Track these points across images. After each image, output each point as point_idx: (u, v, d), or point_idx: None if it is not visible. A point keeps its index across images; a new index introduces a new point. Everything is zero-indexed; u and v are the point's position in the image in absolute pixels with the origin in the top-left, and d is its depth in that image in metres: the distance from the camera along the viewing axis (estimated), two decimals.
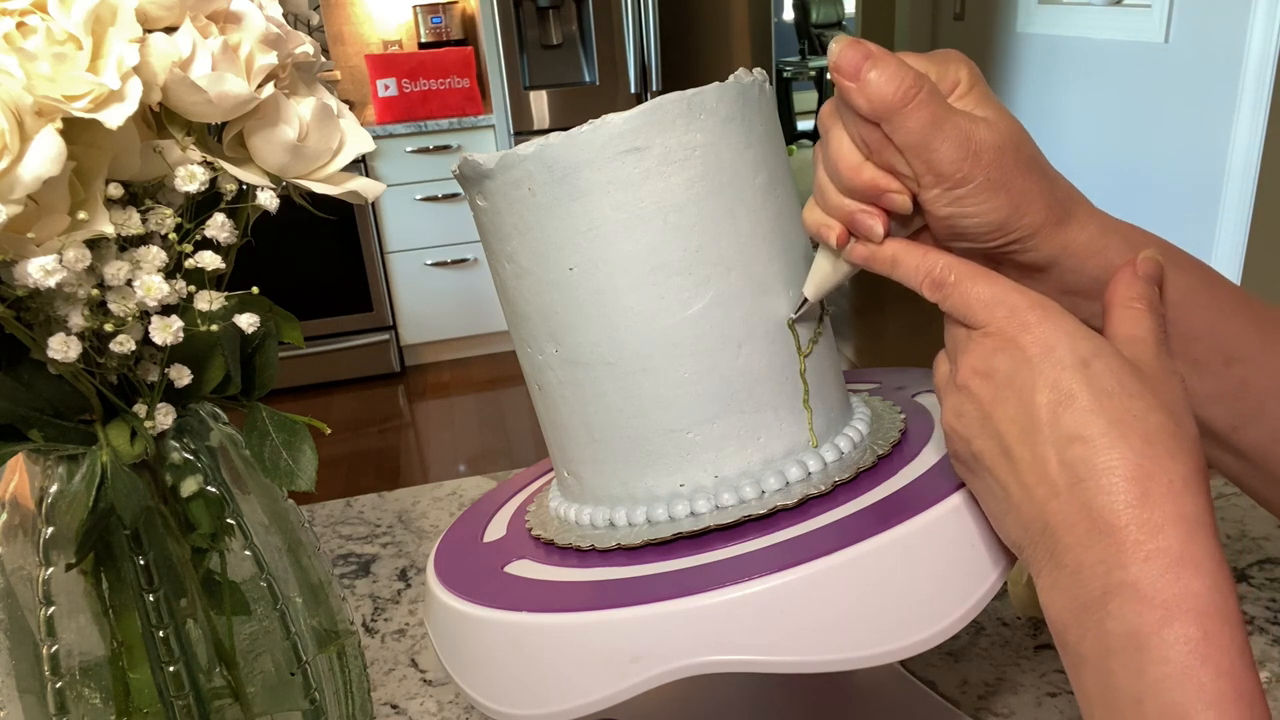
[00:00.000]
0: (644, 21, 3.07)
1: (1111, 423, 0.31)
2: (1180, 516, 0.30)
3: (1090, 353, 0.32)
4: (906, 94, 0.34)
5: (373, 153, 0.89)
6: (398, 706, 0.63)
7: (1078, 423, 0.31)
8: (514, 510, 0.52)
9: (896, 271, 0.38)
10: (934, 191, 0.36)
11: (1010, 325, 0.34)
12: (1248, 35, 2.36)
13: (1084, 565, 0.31)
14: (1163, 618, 0.29)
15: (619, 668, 0.36)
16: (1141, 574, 0.30)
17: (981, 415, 0.34)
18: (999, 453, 0.34)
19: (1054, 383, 0.32)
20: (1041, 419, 0.32)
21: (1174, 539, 0.30)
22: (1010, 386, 0.33)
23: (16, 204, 0.30)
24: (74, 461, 0.39)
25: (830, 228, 0.39)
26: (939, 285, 0.36)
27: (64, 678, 0.41)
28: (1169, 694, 0.29)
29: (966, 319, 0.36)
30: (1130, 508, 0.30)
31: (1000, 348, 0.34)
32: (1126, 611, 0.30)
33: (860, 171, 0.37)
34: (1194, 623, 0.29)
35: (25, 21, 0.31)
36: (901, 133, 0.35)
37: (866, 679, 0.60)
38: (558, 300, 0.41)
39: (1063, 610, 0.32)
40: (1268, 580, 0.67)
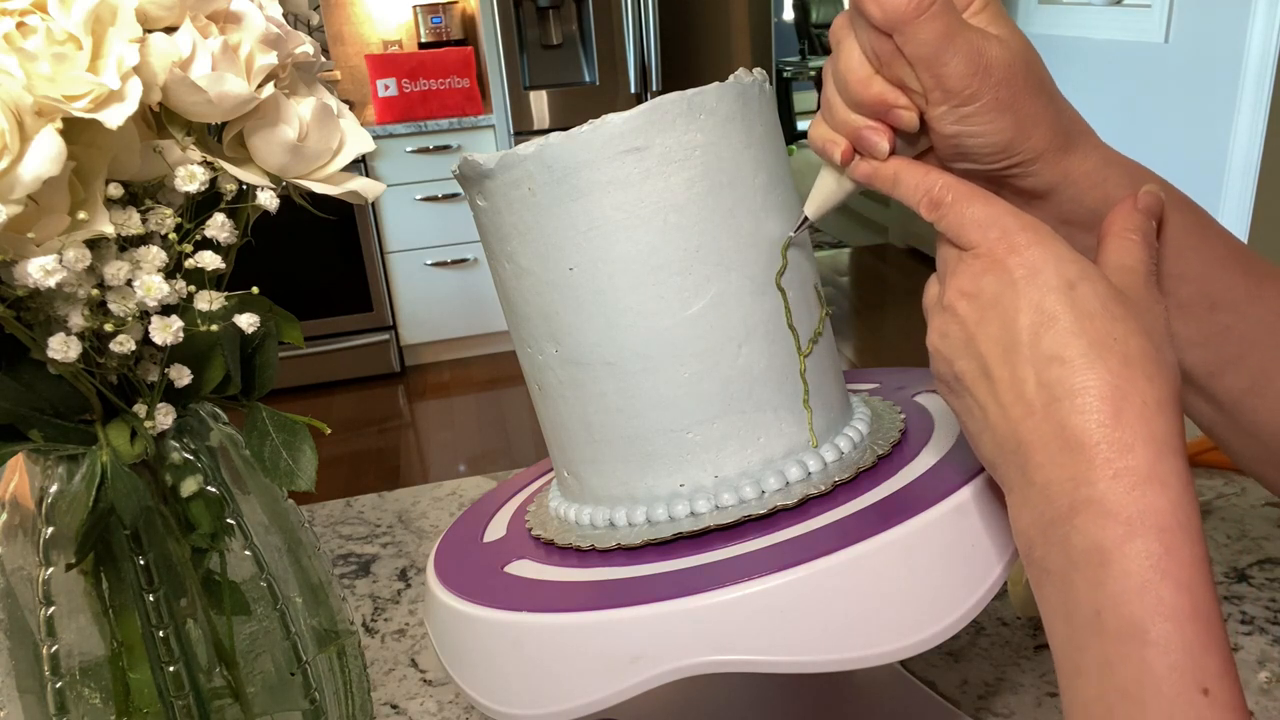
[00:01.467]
0: (644, 21, 3.06)
1: (1091, 344, 0.31)
2: (1151, 437, 0.30)
3: (1076, 275, 0.33)
4: (921, 4, 0.34)
5: (373, 153, 0.89)
6: (398, 706, 0.63)
7: (1058, 343, 0.32)
8: (514, 510, 0.52)
9: (898, 190, 0.38)
10: (941, 108, 0.36)
11: (1000, 246, 0.34)
12: (1248, 35, 2.36)
13: (1053, 482, 0.31)
14: (1125, 533, 0.29)
15: (619, 668, 0.36)
16: (1108, 490, 0.30)
17: (965, 336, 0.35)
18: (979, 373, 0.34)
19: (1037, 304, 0.32)
20: (1023, 339, 0.33)
21: (1142, 458, 0.30)
22: (995, 307, 0.34)
23: (16, 204, 0.30)
24: (74, 461, 0.39)
25: (835, 143, 0.39)
26: (936, 204, 0.36)
27: (64, 678, 0.41)
28: (1127, 606, 0.29)
29: (959, 239, 0.36)
30: (1102, 426, 0.31)
31: (988, 269, 0.34)
32: (1091, 527, 0.30)
33: (869, 85, 0.37)
34: (1155, 538, 0.29)
35: (25, 21, 0.31)
36: (913, 44, 0.35)
37: (866, 679, 0.60)
38: (558, 300, 0.41)
39: (1030, 525, 0.33)
40: (1268, 580, 0.67)
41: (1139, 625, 0.29)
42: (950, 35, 0.35)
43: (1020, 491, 0.33)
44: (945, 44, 0.35)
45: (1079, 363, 0.31)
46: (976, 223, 0.35)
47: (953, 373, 0.36)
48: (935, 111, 0.36)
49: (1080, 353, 0.31)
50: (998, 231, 0.34)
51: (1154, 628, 0.28)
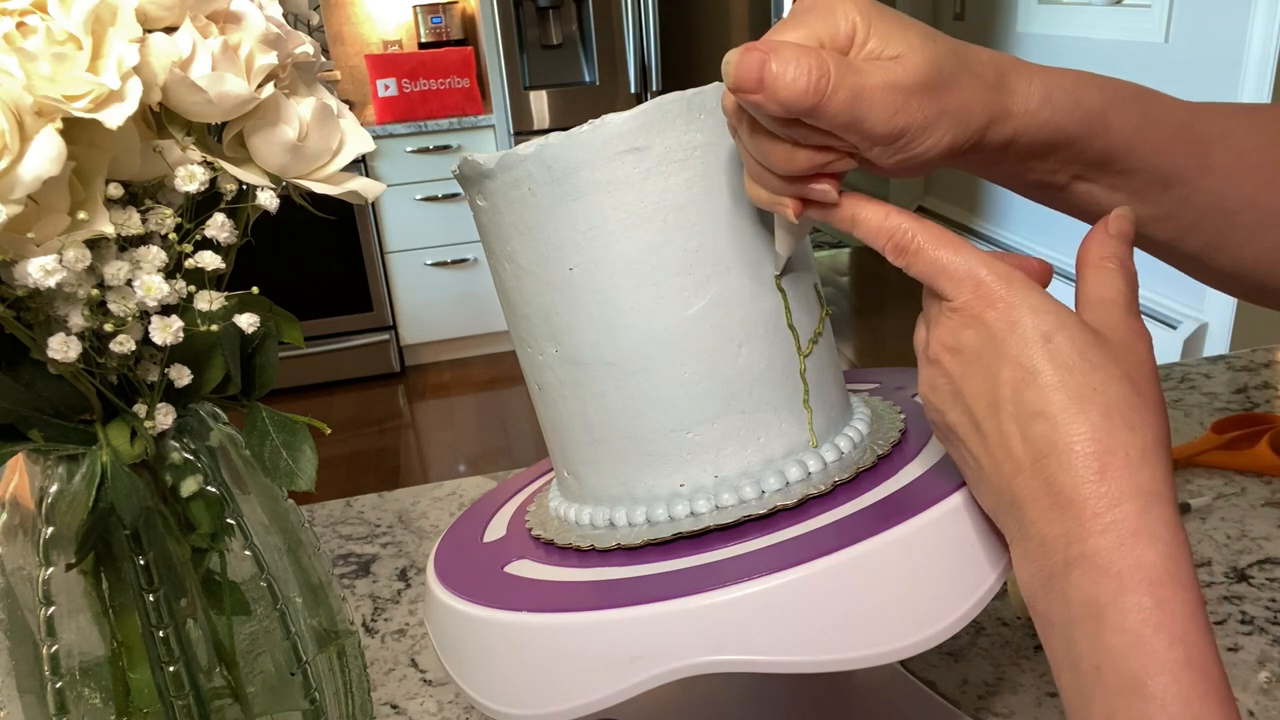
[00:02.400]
0: (644, 21, 3.06)
1: (1072, 398, 0.32)
2: (1137, 490, 0.31)
3: (1053, 326, 0.33)
4: (819, 87, 0.32)
5: (373, 153, 0.89)
6: (398, 706, 0.63)
7: (1040, 399, 0.32)
8: (514, 510, 0.52)
9: (857, 231, 0.37)
10: (875, 151, 0.35)
11: (975, 302, 0.34)
12: (1247, 35, 2.36)
13: (1048, 538, 0.32)
14: (1118, 588, 0.30)
15: (619, 668, 0.36)
16: (1099, 546, 0.31)
17: (953, 389, 0.35)
18: (970, 426, 0.35)
19: (1017, 359, 0.33)
20: (1005, 396, 0.33)
21: (1130, 511, 0.31)
22: (978, 362, 0.34)
23: (16, 204, 0.30)
24: (74, 461, 0.39)
25: (783, 204, 0.38)
26: (902, 251, 0.36)
27: (64, 678, 0.41)
28: (1124, 662, 0.30)
29: (934, 288, 0.36)
30: (1088, 483, 0.31)
31: (967, 324, 0.34)
32: (1085, 582, 0.31)
33: (793, 159, 0.35)
34: (1147, 592, 0.30)
35: (25, 21, 0.31)
36: (825, 120, 0.33)
37: (866, 679, 0.60)
38: (558, 300, 0.41)
39: (1031, 579, 0.33)
40: (1268, 580, 0.67)
41: (1137, 680, 0.29)
42: (858, 96, 0.33)
43: (1020, 545, 0.34)
44: (856, 106, 0.33)
45: (1061, 418, 0.32)
46: (949, 274, 0.35)
47: (945, 423, 0.36)
48: (870, 154, 0.35)
49: (1061, 408, 0.32)
50: (971, 284, 0.34)
51: (1151, 682, 0.29)
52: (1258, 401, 0.93)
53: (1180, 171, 0.40)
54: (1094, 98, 0.38)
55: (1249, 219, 0.42)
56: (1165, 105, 0.40)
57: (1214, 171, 0.41)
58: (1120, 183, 0.40)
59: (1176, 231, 0.42)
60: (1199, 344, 2.58)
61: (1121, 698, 0.30)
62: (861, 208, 0.37)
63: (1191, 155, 0.40)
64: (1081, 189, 0.40)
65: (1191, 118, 0.41)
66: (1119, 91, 0.39)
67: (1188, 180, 0.40)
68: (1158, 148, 0.40)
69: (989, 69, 0.36)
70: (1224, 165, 0.41)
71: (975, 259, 0.35)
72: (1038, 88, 0.37)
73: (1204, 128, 0.41)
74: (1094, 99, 0.38)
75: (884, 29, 0.34)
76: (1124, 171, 0.40)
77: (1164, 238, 0.42)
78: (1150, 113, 0.40)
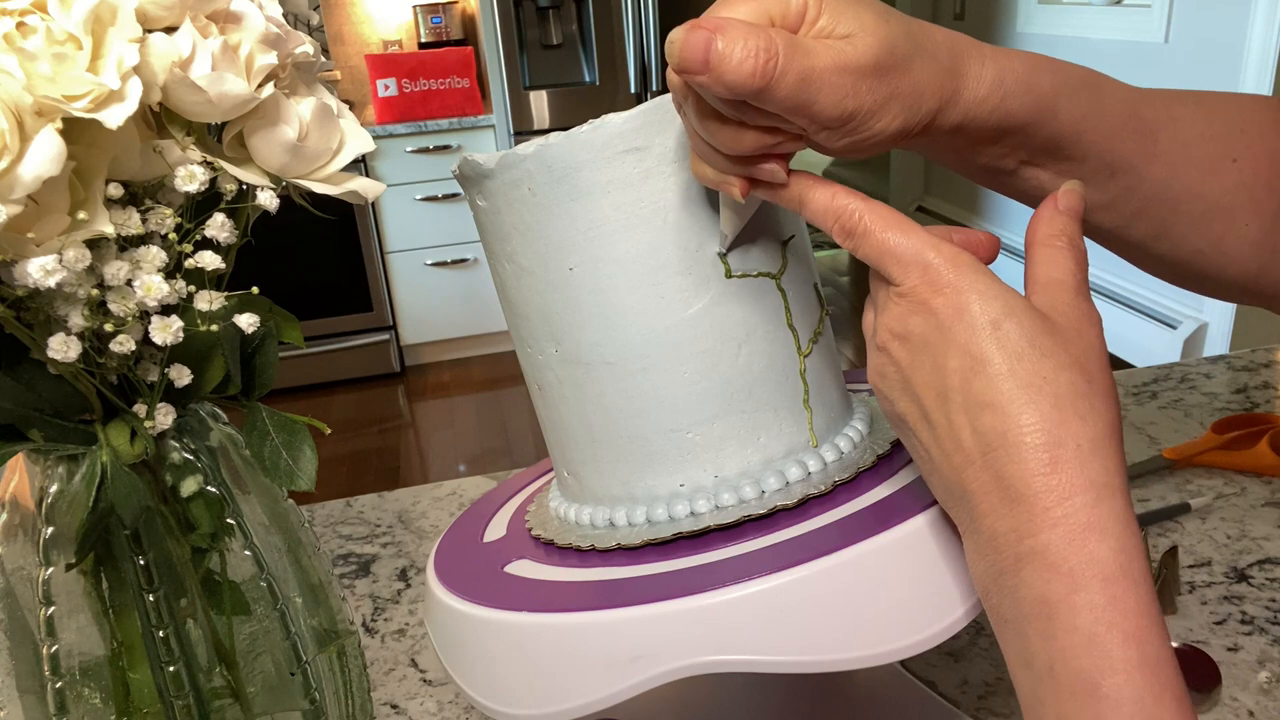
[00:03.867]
0: (644, 21, 3.06)
1: (1020, 387, 0.31)
2: (1089, 482, 0.30)
3: (1001, 313, 0.32)
4: (766, 69, 0.31)
5: (373, 153, 0.89)
6: (398, 706, 0.63)
7: (988, 389, 0.31)
8: (514, 510, 0.52)
9: (804, 212, 0.36)
10: (823, 134, 0.34)
11: (924, 287, 0.33)
12: (1247, 35, 2.36)
13: (998, 533, 0.31)
14: (1069, 585, 0.29)
15: (619, 668, 0.36)
16: (1050, 541, 0.30)
17: (901, 378, 0.34)
18: (919, 416, 0.34)
19: (965, 347, 0.32)
20: (954, 385, 0.32)
21: (1081, 505, 0.30)
22: (925, 351, 0.33)
23: (16, 204, 0.30)
24: (74, 461, 0.39)
25: (730, 183, 0.36)
26: (849, 233, 0.35)
27: (64, 678, 0.41)
28: (1077, 661, 0.29)
29: (880, 270, 0.35)
30: (1039, 475, 0.30)
31: (914, 309, 0.33)
32: (1036, 579, 0.30)
33: (740, 140, 0.34)
34: (1100, 589, 0.29)
35: (25, 21, 0.31)
36: (772, 104, 0.32)
37: (866, 679, 0.60)
38: (558, 300, 0.41)
39: (983, 575, 0.32)
40: (1268, 580, 0.67)
41: (1090, 680, 0.29)
42: (806, 78, 0.31)
43: (971, 539, 0.33)
44: (804, 90, 0.32)
45: (1010, 409, 0.31)
46: (895, 257, 0.34)
47: (895, 412, 0.35)
48: (819, 138, 0.34)
49: (1011, 398, 0.31)
50: (919, 269, 0.33)
51: (1105, 682, 0.28)
52: (1258, 401, 0.93)
53: (1127, 159, 0.40)
54: (1045, 82, 0.37)
55: (1193, 209, 0.42)
56: (1114, 92, 0.40)
57: (1160, 160, 0.41)
58: (1068, 169, 0.40)
59: (1122, 219, 0.42)
60: (1199, 344, 2.58)
61: (1074, 699, 0.29)
62: (809, 188, 0.36)
63: (1139, 143, 0.40)
64: (1029, 174, 0.40)
65: (1140, 104, 0.40)
66: (1069, 77, 0.38)
67: (1134, 168, 0.40)
68: (1106, 135, 0.39)
69: (942, 50, 0.35)
70: (1170, 154, 0.41)
71: (923, 241, 0.33)
72: (990, 71, 0.36)
73: (1152, 115, 0.40)
74: (1045, 84, 0.37)
75: (836, 6, 0.33)
76: (1072, 158, 0.39)
77: (1109, 225, 0.42)
78: (1099, 100, 0.39)
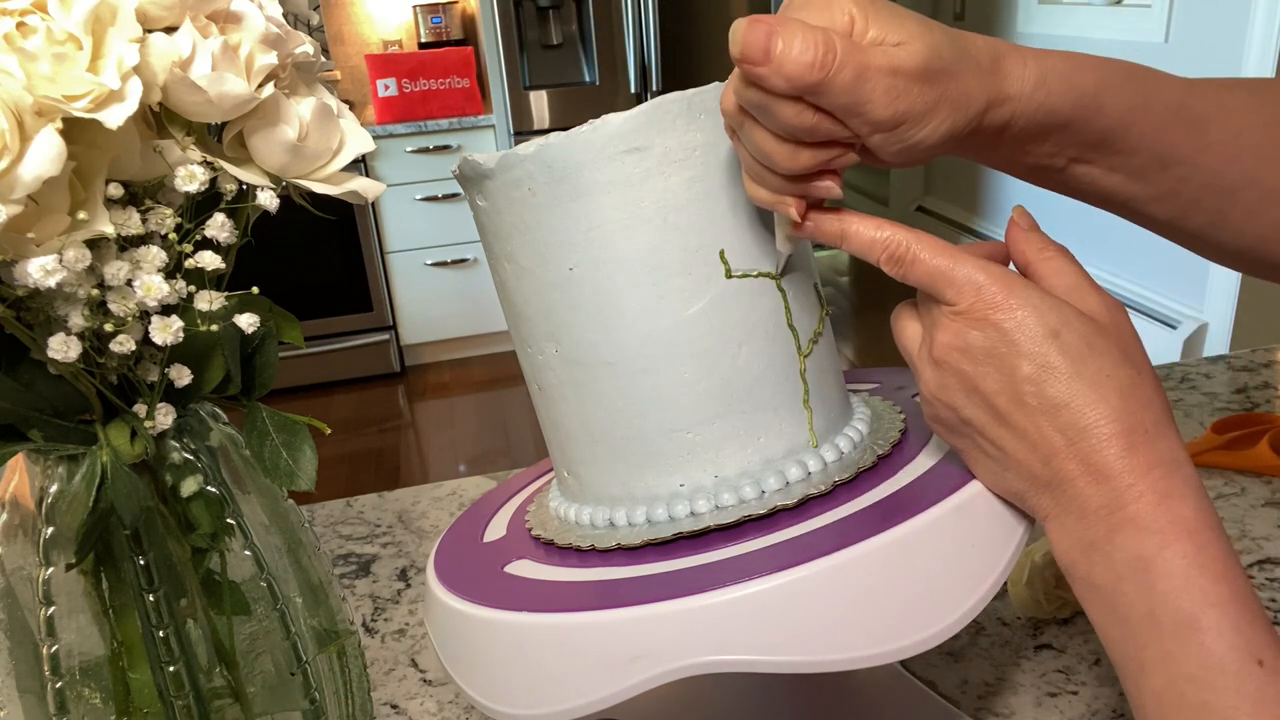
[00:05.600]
0: (644, 21, 3.06)
1: (1089, 385, 0.35)
2: (1160, 458, 0.34)
3: (1058, 323, 0.35)
4: (825, 61, 0.33)
5: (373, 153, 0.89)
6: (398, 706, 0.63)
7: (1061, 392, 0.35)
8: (514, 510, 0.52)
9: (848, 245, 0.39)
10: (877, 139, 0.35)
11: (980, 305, 0.36)
12: (1248, 35, 2.36)
13: (1088, 510, 0.35)
14: (1160, 541, 0.33)
15: (619, 668, 0.36)
16: (1139, 510, 0.34)
17: (966, 387, 0.37)
18: (991, 420, 0.36)
19: (1031, 355, 0.35)
20: (1027, 391, 0.35)
21: (1159, 478, 0.34)
22: (990, 361, 0.36)
23: (16, 204, 0.30)
24: (74, 461, 0.39)
25: (786, 203, 0.38)
26: (898, 261, 0.37)
27: (64, 678, 0.41)
28: (1176, 601, 0.32)
29: (934, 293, 0.37)
30: (1120, 458, 0.34)
31: (973, 326, 0.36)
32: (1130, 542, 0.34)
33: (796, 158, 0.36)
34: (1188, 540, 0.33)
35: (25, 21, 0.31)
36: (828, 98, 0.33)
37: (866, 679, 0.60)
38: (558, 300, 0.41)
39: (1071, 548, 0.36)
40: (1268, 580, 0.67)
41: (1191, 616, 0.32)
42: (861, 76, 0.33)
43: (1057, 519, 0.36)
44: (859, 87, 0.33)
45: (1085, 407, 0.34)
46: (949, 280, 0.36)
47: (959, 419, 0.38)
48: (872, 142, 0.36)
49: (1084, 397, 0.34)
50: (972, 289, 0.36)
51: (1204, 616, 0.32)
52: (1258, 401, 0.93)
53: (1178, 151, 0.41)
54: (1088, 79, 0.38)
55: (1250, 197, 0.42)
56: (1162, 84, 0.41)
57: (1213, 150, 0.41)
58: (1118, 163, 0.41)
59: (1177, 210, 0.42)
60: (1199, 344, 2.58)
61: (1178, 634, 0.32)
62: (851, 223, 0.38)
63: (1189, 134, 0.41)
64: (1080, 171, 0.41)
65: (1189, 95, 0.41)
66: (1114, 72, 0.39)
67: (1186, 159, 0.41)
68: (1154, 127, 0.40)
69: (984, 54, 0.37)
70: (1223, 144, 0.41)
71: (972, 264, 0.36)
72: (1032, 71, 0.37)
73: (1201, 106, 0.41)
74: (1088, 80, 0.38)
75: (881, 18, 0.35)
76: (1122, 152, 0.40)
77: (1165, 217, 0.43)
78: (1146, 92, 0.40)
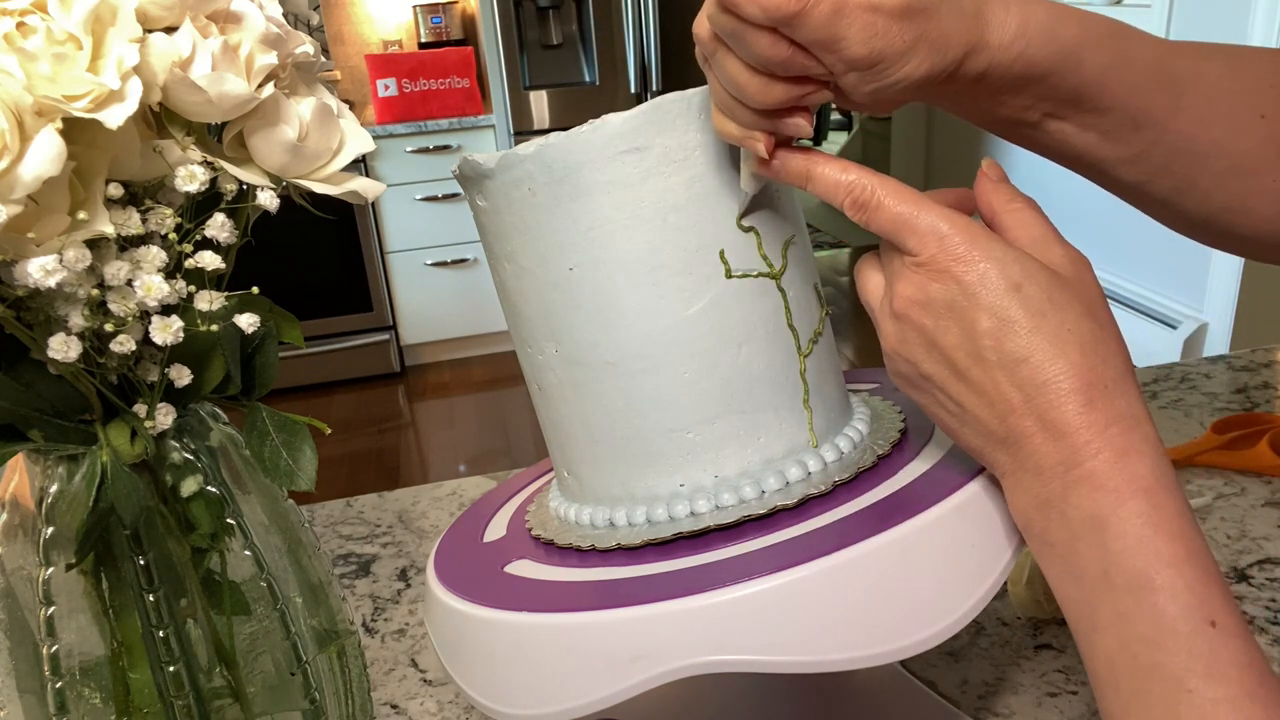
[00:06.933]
0: (644, 21, 3.06)
1: (1049, 340, 0.34)
2: (1118, 415, 0.34)
3: (1020, 276, 0.34)
4: None
5: (373, 153, 0.89)
6: (398, 706, 0.63)
7: (1020, 346, 0.34)
8: (514, 510, 0.52)
9: (813, 187, 0.38)
10: (851, 77, 0.35)
11: (941, 256, 0.35)
12: (1248, 35, 2.36)
13: (1044, 467, 0.34)
14: (1116, 500, 0.33)
15: (619, 668, 0.36)
16: (1095, 467, 0.33)
17: (926, 342, 0.36)
18: (950, 374, 0.36)
19: (991, 310, 0.34)
20: (987, 345, 0.35)
21: (1117, 434, 0.33)
22: (950, 314, 0.35)
23: (16, 204, 0.30)
24: (74, 461, 0.39)
25: (755, 138, 0.37)
26: (861, 206, 0.37)
27: (64, 678, 0.41)
28: (1130, 561, 0.32)
29: (896, 243, 0.36)
30: (1078, 414, 0.33)
31: (934, 278, 0.35)
32: (1085, 500, 0.33)
33: (769, 91, 0.35)
34: (1144, 499, 0.33)
35: (25, 21, 0.31)
36: (804, 32, 0.33)
37: (866, 679, 0.60)
38: (558, 300, 0.41)
39: (1028, 505, 0.35)
40: (1268, 580, 0.67)
41: (1145, 575, 0.32)
42: (839, 11, 0.33)
43: (1013, 475, 0.36)
44: (836, 22, 0.33)
45: (1044, 361, 0.34)
46: (912, 229, 0.36)
47: (919, 373, 0.37)
48: (846, 81, 0.35)
49: (1043, 351, 0.34)
50: (935, 240, 0.35)
51: (1158, 575, 0.32)
52: (1258, 401, 0.93)
53: (1152, 112, 0.40)
54: (1070, 32, 0.38)
55: (1219, 165, 0.42)
56: (1141, 43, 0.40)
57: (1185, 113, 0.41)
58: (1092, 121, 0.40)
59: (1146, 174, 0.42)
60: (1199, 344, 2.58)
61: (1131, 594, 0.32)
62: (818, 163, 0.38)
63: (1164, 96, 0.40)
64: (1053, 127, 0.40)
65: (1168, 57, 0.41)
66: (1095, 27, 0.39)
67: (1159, 122, 0.40)
68: (1131, 86, 0.40)
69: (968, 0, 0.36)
70: (1196, 108, 0.41)
71: (936, 213, 0.35)
72: (1014, 18, 0.37)
73: (1179, 69, 0.41)
74: (1069, 33, 0.38)
75: None
76: (1096, 109, 0.40)
77: (1133, 180, 0.42)
78: (1125, 50, 0.40)
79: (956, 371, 0.36)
